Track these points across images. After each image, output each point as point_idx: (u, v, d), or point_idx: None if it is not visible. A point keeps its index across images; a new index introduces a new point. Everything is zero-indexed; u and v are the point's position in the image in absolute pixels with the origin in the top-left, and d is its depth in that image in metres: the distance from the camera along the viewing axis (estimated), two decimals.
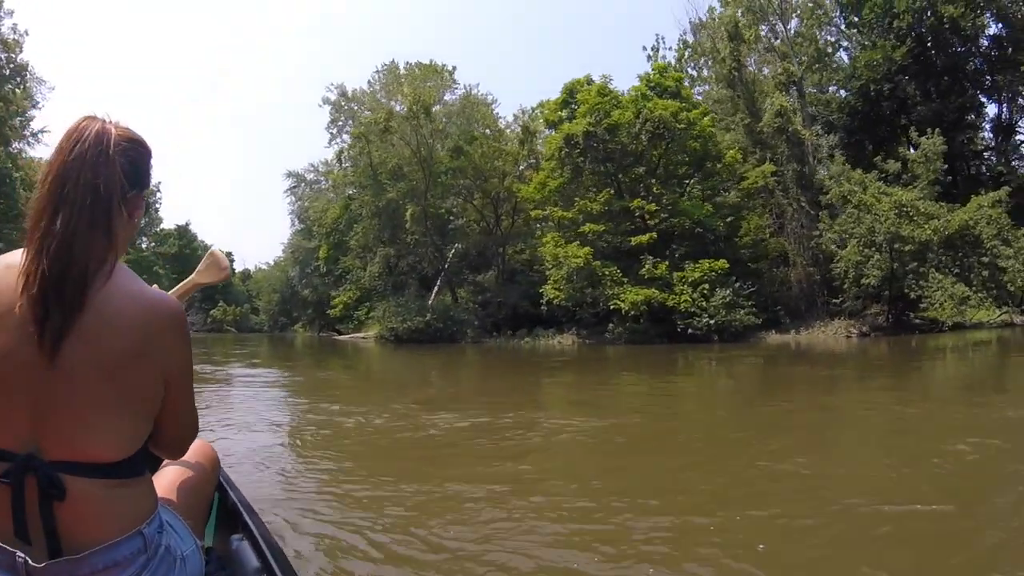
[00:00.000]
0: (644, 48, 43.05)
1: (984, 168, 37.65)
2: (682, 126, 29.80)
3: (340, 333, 52.70)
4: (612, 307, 28.49)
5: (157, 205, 63.73)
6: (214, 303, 76.84)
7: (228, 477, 2.40)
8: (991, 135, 38.93)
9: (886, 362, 19.38)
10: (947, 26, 34.79)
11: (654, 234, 29.11)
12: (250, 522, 2.08)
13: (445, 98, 37.95)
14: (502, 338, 33.51)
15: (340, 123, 47.88)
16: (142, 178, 1.52)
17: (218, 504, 2.26)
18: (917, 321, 28.77)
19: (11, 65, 37.27)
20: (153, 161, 1.56)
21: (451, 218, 40.12)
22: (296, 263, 56.93)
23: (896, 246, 27.73)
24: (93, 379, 1.33)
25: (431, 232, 36.81)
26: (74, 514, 1.34)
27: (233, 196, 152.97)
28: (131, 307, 1.39)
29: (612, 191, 30.45)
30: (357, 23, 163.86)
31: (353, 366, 23.20)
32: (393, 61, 40.46)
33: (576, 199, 31.05)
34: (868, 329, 29.20)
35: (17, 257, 1.38)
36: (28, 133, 41.24)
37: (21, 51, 37.66)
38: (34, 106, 39.85)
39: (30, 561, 1.32)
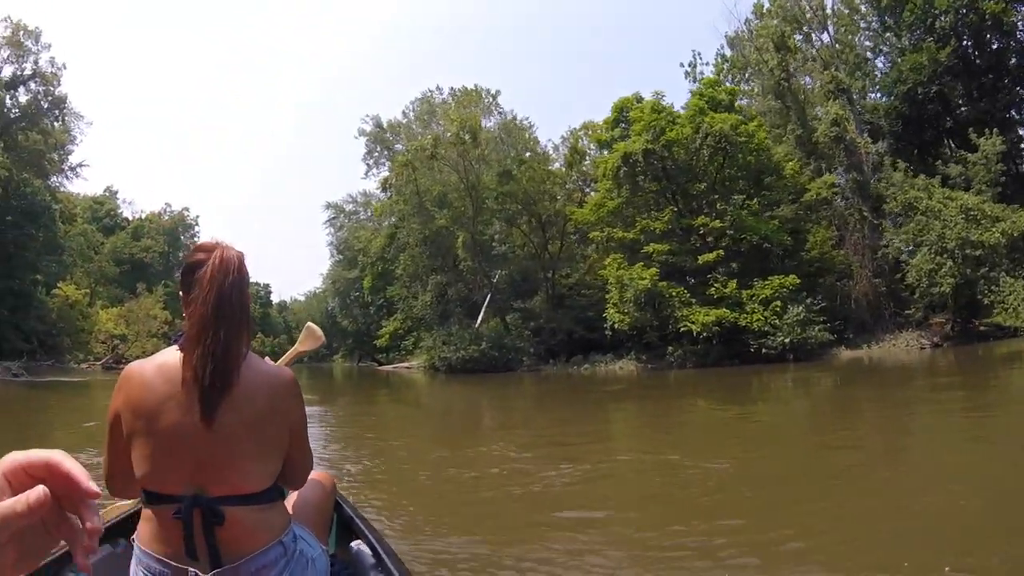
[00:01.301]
0: (681, 65, 41.39)
1: None
2: (743, 139, 28.27)
3: (380, 363, 51.08)
4: (682, 329, 26.81)
5: (196, 238, 62.52)
6: (253, 336, 72.60)
7: (343, 496, 2.82)
8: None
9: (977, 372, 18.56)
10: (988, 22, 33.38)
11: (721, 251, 27.50)
12: (365, 530, 2.53)
13: (486, 124, 36.21)
14: (558, 365, 31.79)
15: (376, 154, 46.62)
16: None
17: (337, 518, 2.67)
18: (982, 328, 27.56)
19: (49, 98, 35.72)
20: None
21: (494, 244, 38.41)
22: (336, 294, 55.20)
23: (967, 251, 26.45)
24: (242, 435, 1.77)
25: (480, 258, 35.11)
26: (231, 533, 1.74)
27: (264, 229, 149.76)
28: (262, 381, 1.84)
29: (675, 209, 28.80)
30: (382, 56, 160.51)
31: (421, 401, 21.84)
32: (428, 92, 39.13)
33: (637, 219, 29.45)
34: (939, 339, 27.68)
35: (173, 355, 1.82)
36: (67, 167, 39.63)
37: (59, 84, 36.17)
38: (72, 141, 38.16)
39: (199, 573, 1.73)
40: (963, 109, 35.32)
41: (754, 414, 13.41)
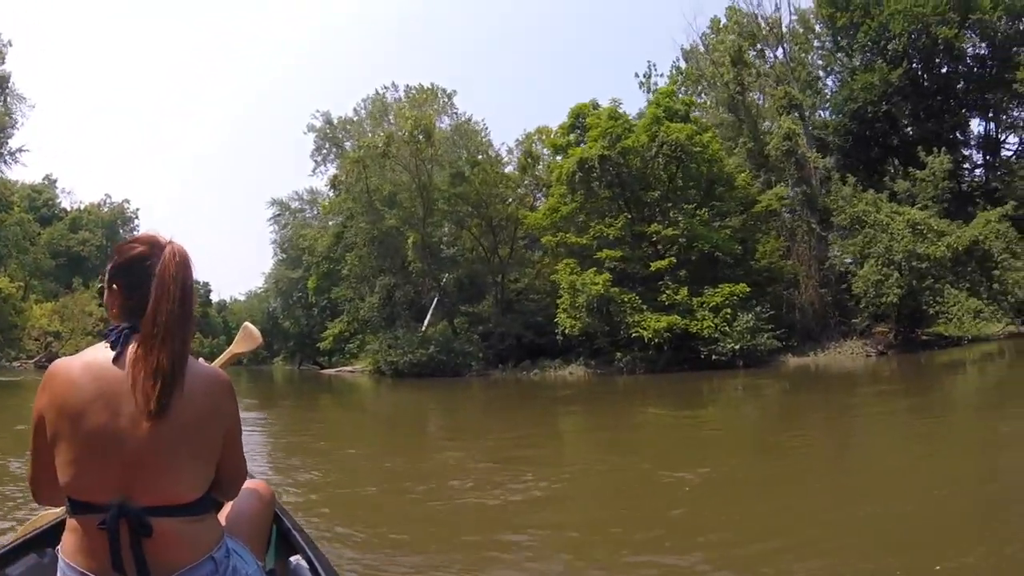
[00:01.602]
0: (636, 75, 41.26)
1: (973, 184, 36.87)
2: (697, 149, 28.13)
3: (322, 367, 49.65)
4: (634, 335, 26.42)
5: (135, 231, 59.83)
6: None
7: (283, 508, 2.63)
8: (976, 152, 38.48)
9: (922, 378, 19.05)
10: (940, 47, 34.15)
11: (673, 259, 27.22)
12: (304, 545, 2.38)
13: (440, 124, 35.33)
14: (507, 370, 31.12)
15: (325, 151, 45.44)
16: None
17: (276, 531, 2.48)
18: (924, 338, 28.23)
19: None
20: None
21: (442, 247, 37.61)
22: (279, 294, 53.26)
23: (914, 263, 26.90)
24: (175, 440, 1.63)
25: (429, 260, 34.22)
26: (159, 546, 1.61)
27: (206, 224, 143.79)
28: (200, 383, 1.71)
29: (628, 216, 28.45)
30: (333, 51, 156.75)
31: (367, 406, 20.95)
32: (384, 88, 38.07)
33: (591, 224, 29.00)
34: (883, 348, 28.16)
35: (102, 352, 1.70)
36: (5, 152, 37.45)
37: (3, 62, 34.09)
38: (12, 124, 36.04)
39: None
40: (909, 129, 36.08)
41: (708, 419, 13.13)
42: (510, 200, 35.36)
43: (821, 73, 39.01)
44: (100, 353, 1.69)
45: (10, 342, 37.62)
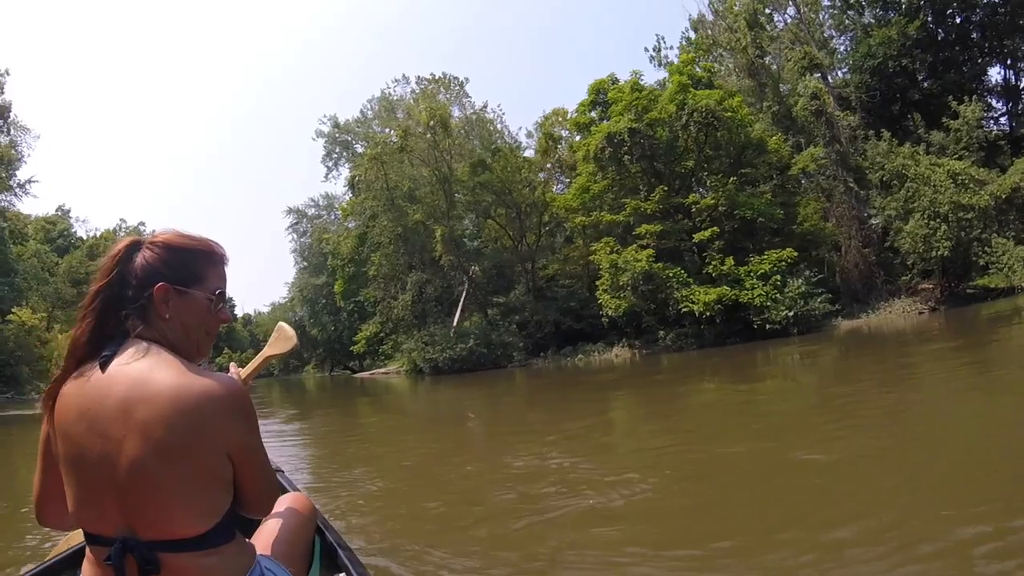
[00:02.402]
0: (646, 49, 39.61)
1: (998, 133, 35.28)
2: (728, 114, 26.50)
3: (353, 371, 47.99)
4: (683, 310, 24.82)
5: None
6: (219, 351, 69.66)
7: (327, 522, 2.38)
8: (996, 101, 36.80)
9: (986, 331, 17.36)
10: None
11: (716, 228, 25.59)
12: (348, 563, 2.11)
13: (454, 114, 33.52)
14: (549, 358, 29.49)
15: (335, 155, 43.85)
16: (189, 276, 1.56)
17: (320, 548, 2.26)
18: (970, 291, 27.17)
19: None
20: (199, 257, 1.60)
21: (464, 239, 35.90)
22: (304, 302, 51.35)
23: (960, 215, 25.53)
24: (155, 469, 1.36)
25: (458, 253, 32.51)
26: None
27: (224, 240, 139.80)
28: (181, 393, 1.39)
29: (665, 188, 26.82)
30: (333, 54, 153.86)
31: (410, 408, 19.14)
32: (393, 81, 36.40)
33: (626, 201, 27.36)
34: (934, 303, 26.90)
35: (92, 364, 1.46)
36: (15, 184, 35.81)
37: (2, 92, 32.49)
38: (19, 157, 34.45)
39: None
40: (926, 83, 34.57)
41: (783, 392, 11.38)
42: (535, 185, 33.59)
43: (832, 32, 37.19)
44: (92, 365, 1.46)
45: (37, 374, 35.84)
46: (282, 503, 2.02)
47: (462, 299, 33.65)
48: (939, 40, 34.40)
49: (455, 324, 32.41)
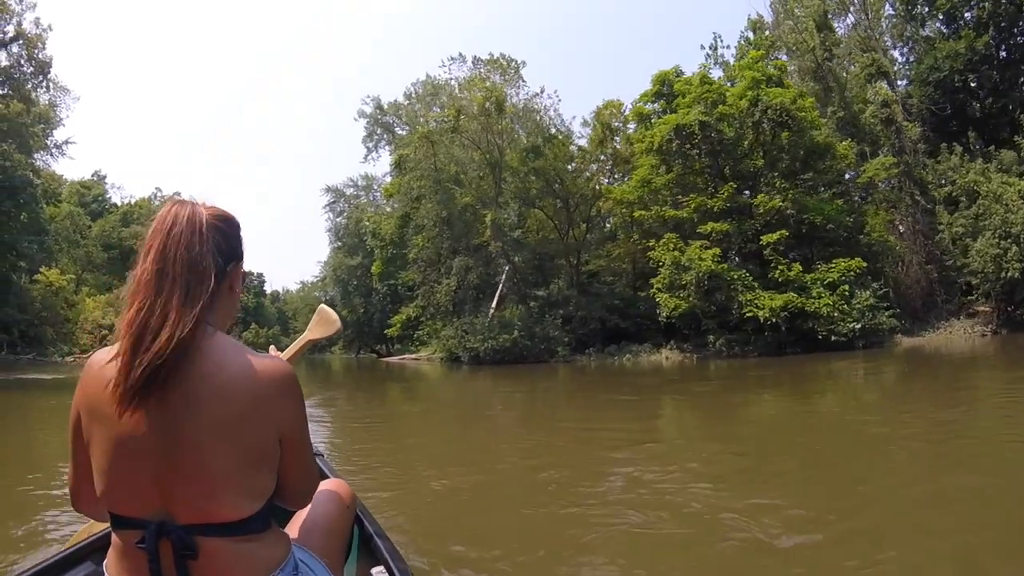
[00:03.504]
0: (702, 47, 37.78)
1: None
2: (802, 114, 24.69)
3: (380, 355, 46.11)
4: (747, 315, 22.98)
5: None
6: (247, 326, 68.87)
7: (366, 510, 2.23)
8: None
9: None
10: None
11: (785, 231, 23.76)
12: (388, 556, 1.99)
13: (510, 98, 31.40)
14: (594, 356, 27.65)
15: (376, 136, 41.97)
16: (235, 251, 1.49)
17: (358, 538, 2.13)
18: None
19: (33, 62, 30.07)
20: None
21: (505, 228, 33.88)
22: (337, 282, 49.25)
23: None
24: (208, 447, 1.29)
25: (506, 240, 30.51)
26: (207, 570, 1.32)
27: (258, 215, 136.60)
28: (239, 372, 1.33)
29: (734, 186, 25.00)
30: (387, 41, 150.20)
31: (454, 399, 17.25)
32: (445, 61, 34.26)
33: (691, 196, 25.54)
34: (996, 326, 25.31)
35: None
36: (52, 144, 33.93)
37: (44, 47, 30.58)
38: (57, 117, 32.61)
39: None
40: (988, 100, 32.80)
41: (865, 412, 9.65)
42: (589, 175, 31.67)
43: (889, 42, 35.37)
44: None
45: (63, 336, 34.12)
46: (321, 489, 1.81)
47: (499, 289, 31.72)
48: (1001, 58, 32.73)
49: (491, 314, 30.50)
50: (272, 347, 1.81)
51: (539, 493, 5.18)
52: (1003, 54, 32.86)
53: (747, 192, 26.22)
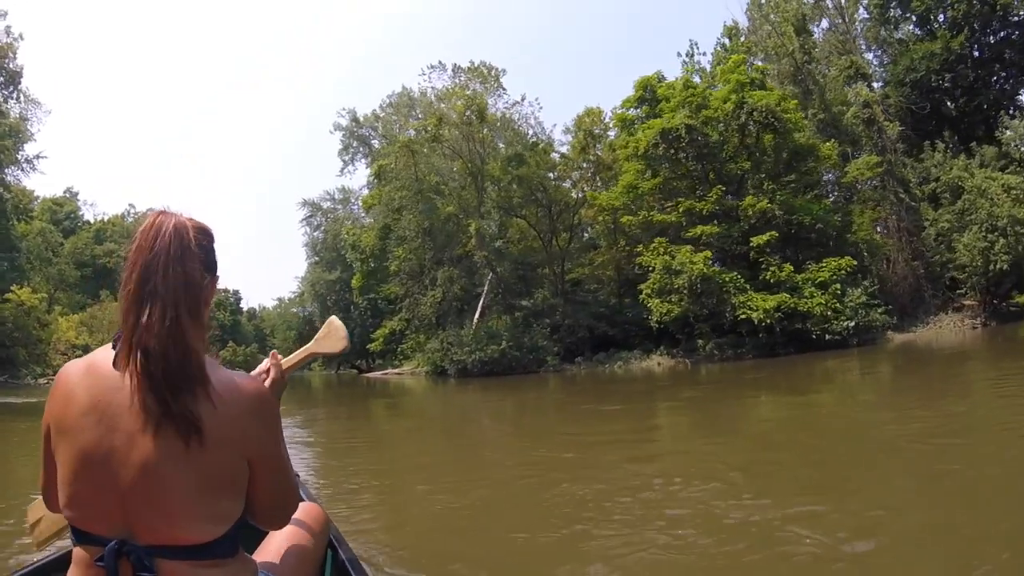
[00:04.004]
0: (679, 55, 37.54)
1: None
2: (787, 115, 24.44)
3: (361, 371, 44.98)
4: (741, 317, 22.54)
5: None
6: (224, 344, 66.45)
7: (340, 536, 2.10)
8: None
9: None
10: (999, 13, 31.03)
11: (775, 232, 23.39)
12: None
13: (491, 106, 30.85)
14: (585, 364, 26.99)
15: (352, 149, 41.20)
16: (214, 264, 1.44)
17: (331, 564, 2.00)
18: (1012, 308, 25.82)
19: (3, 72, 28.95)
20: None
21: (487, 238, 33.14)
22: (315, 297, 47.91)
23: (1018, 229, 24.06)
24: (175, 468, 1.24)
25: (490, 250, 29.76)
26: None
27: (231, 232, 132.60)
28: (219, 394, 1.28)
29: (723, 188, 24.59)
30: (358, 51, 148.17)
31: (444, 416, 16.29)
32: (428, 68, 33.45)
33: (679, 201, 25.09)
34: (984, 319, 25.54)
35: (107, 353, 1.33)
36: (22, 158, 32.64)
37: (15, 57, 29.42)
38: (28, 130, 31.46)
39: None
40: (962, 100, 33.01)
41: (884, 410, 9.10)
42: (573, 183, 31.12)
43: (863, 44, 35.53)
44: (104, 354, 1.34)
45: (35, 357, 32.64)
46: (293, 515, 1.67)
47: (482, 300, 30.91)
48: (975, 57, 32.98)
49: (474, 325, 29.67)
50: (274, 351, 1.76)
51: (539, 512, 4.70)
52: (976, 53, 33.19)
53: (732, 196, 25.79)
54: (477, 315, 30.49)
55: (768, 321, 22.38)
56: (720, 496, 4.51)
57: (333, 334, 2.25)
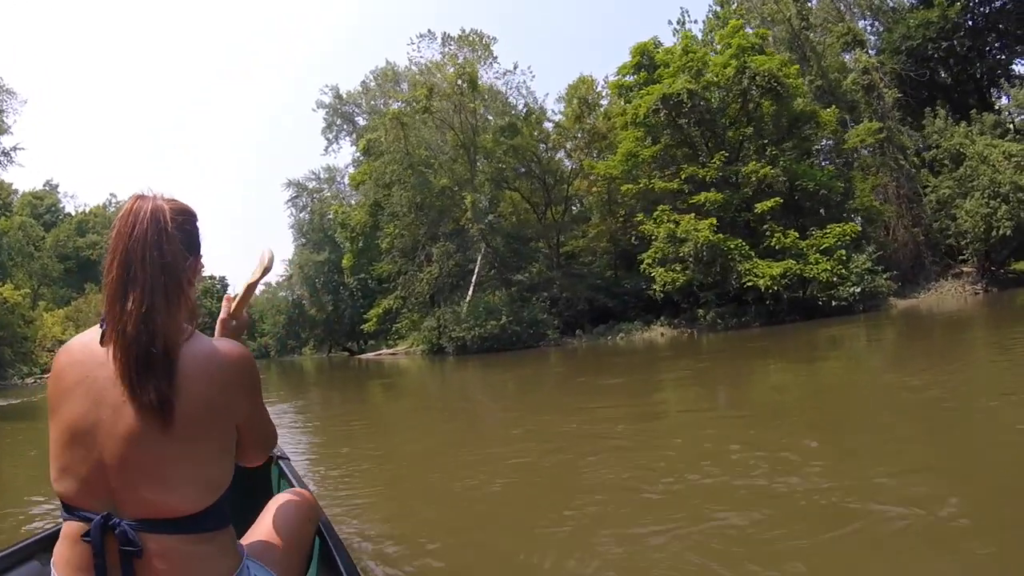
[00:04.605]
0: (669, 23, 36.89)
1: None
2: (790, 80, 23.89)
3: (352, 352, 44.04)
4: (747, 284, 22.06)
5: None
6: (195, 317, 63.40)
7: (329, 523, 2.05)
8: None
9: None
10: None
11: (779, 199, 22.88)
12: (345, 572, 1.78)
13: (481, 75, 29.81)
14: (586, 337, 26.42)
15: (336, 127, 40.07)
16: (196, 244, 1.45)
17: (319, 551, 1.95)
18: (1010, 275, 25.99)
19: None
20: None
21: (481, 211, 32.23)
22: (304, 280, 46.64)
23: (1020, 195, 23.87)
24: (165, 439, 1.24)
25: (485, 223, 28.89)
26: (155, 569, 1.24)
27: (213, 217, 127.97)
28: (199, 366, 1.30)
29: (726, 154, 23.97)
30: (337, 28, 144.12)
31: (454, 398, 15.45)
32: (388, 61, 32.55)
33: (683, 167, 24.46)
34: (986, 285, 25.34)
35: (92, 333, 1.35)
36: None
37: None
38: (6, 126, 30.13)
39: None
40: (955, 68, 32.78)
41: (910, 377, 8.14)
42: (563, 153, 30.36)
43: (857, 12, 35.07)
44: (92, 333, 1.36)
45: (21, 356, 31.18)
46: (281, 500, 1.75)
47: (474, 275, 30.04)
48: (969, 27, 32.70)
49: (467, 301, 28.88)
50: (227, 296, 1.69)
51: (549, 498, 4.24)
52: (970, 23, 32.92)
53: (732, 163, 25.24)
54: (470, 291, 29.73)
55: (775, 288, 21.93)
56: (777, 471, 4.02)
57: (260, 259, 2.07)
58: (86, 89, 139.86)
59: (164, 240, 1.30)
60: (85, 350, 1.31)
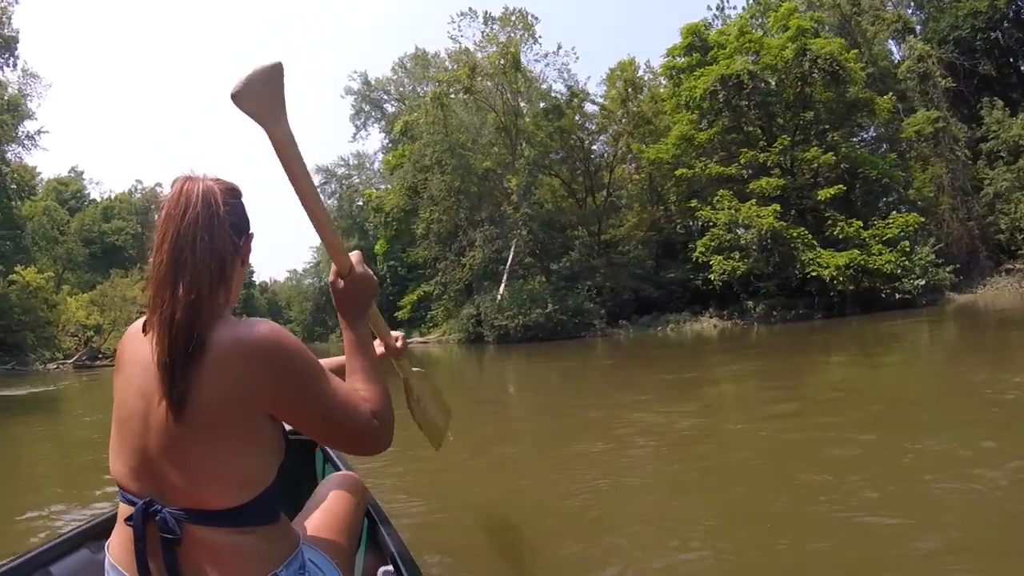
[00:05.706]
0: (709, 8, 35.87)
1: None
2: (851, 64, 22.98)
3: None
4: (811, 274, 21.16)
5: None
6: (237, 317, 62.43)
7: (377, 505, 2.04)
8: None
9: None
10: None
11: (842, 186, 21.99)
12: (396, 554, 1.75)
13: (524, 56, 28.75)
14: (633, 328, 25.51)
15: (364, 114, 39.06)
16: (246, 223, 1.38)
17: (367, 532, 1.97)
18: None
19: None
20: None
21: (513, 196, 31.13)
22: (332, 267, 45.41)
23: None
24: (191, 430, 1.17)
25: (528, 208, 27.80)
26: (195, 559, 1.18)
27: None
28: (229, 351, 1.19)
29: (788, 139, 23.07)
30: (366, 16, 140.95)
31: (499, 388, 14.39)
32: (417, 47, 31.44)
33: (743, 151, 23.56)
34: None
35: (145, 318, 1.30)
36: (22, 134, 30.59)
37: (10, 21, 27.31)
38: (30, 110, 29.20)
39: None
40: (1002, 59, 31.99)
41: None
42: (603, 140, 29.38)
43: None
44: (140, 324, 1.32)
45: (43, 341, 29.93)
46: (329, 483, 1.73)
47: (508, 263, 28.99)
48: (1012, 18, 31.89)
49: (502, 289, 27.86)
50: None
51: (608, 485, 4.15)
52: (1011, 14, 32.14)
53: (797, 146, 24.35)
54: (504, 279, 28.70)
55: (840, 279, 21.05)
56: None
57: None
58: (113, 76, 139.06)
59: (215, 224, 1.22)
60: (136, 335, 1.26)
